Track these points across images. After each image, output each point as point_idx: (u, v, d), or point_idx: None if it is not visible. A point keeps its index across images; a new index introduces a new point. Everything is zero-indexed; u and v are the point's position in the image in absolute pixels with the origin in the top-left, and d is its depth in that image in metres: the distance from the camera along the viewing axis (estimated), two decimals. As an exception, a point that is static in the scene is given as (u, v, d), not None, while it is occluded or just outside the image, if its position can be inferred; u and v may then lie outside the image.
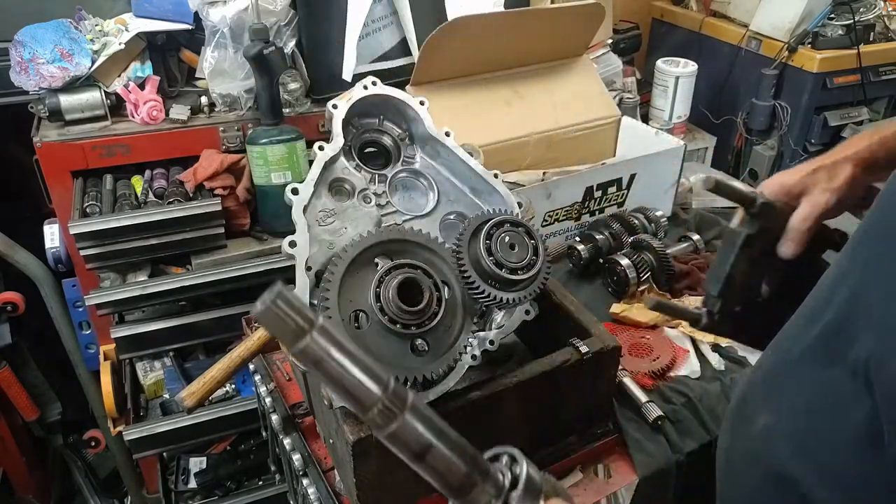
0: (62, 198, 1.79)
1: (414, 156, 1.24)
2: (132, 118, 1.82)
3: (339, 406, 0.94)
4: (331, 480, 1.17)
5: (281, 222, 1.86)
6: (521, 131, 1.85)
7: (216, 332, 1.92)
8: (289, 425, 1.30)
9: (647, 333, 1.49)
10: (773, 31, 2.66)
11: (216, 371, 1.21)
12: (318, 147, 1.10)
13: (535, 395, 1.09)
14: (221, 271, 1.81)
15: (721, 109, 2.90)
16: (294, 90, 1.91)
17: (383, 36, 1.98)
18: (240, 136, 1.88)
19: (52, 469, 2.48)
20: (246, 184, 1.85)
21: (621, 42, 2.69)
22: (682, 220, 1.94)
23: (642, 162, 1.80)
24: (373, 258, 0.99)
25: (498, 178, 1.20)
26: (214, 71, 1.82)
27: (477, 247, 1.00)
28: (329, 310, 0.91)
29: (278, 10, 1.78)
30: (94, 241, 1.69)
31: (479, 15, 1.79)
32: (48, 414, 2.34)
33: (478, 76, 1.86)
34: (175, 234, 1.76)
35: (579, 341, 1.12)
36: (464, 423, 1.04)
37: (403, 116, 1.21)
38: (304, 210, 1.04)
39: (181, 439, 1.93)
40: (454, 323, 1.01)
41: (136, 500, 2.38)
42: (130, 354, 1.93)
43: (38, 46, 1.69)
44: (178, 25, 1.83)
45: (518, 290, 1.03)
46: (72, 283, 2.02)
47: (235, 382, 2.03)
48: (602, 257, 1.65)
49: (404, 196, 1.22)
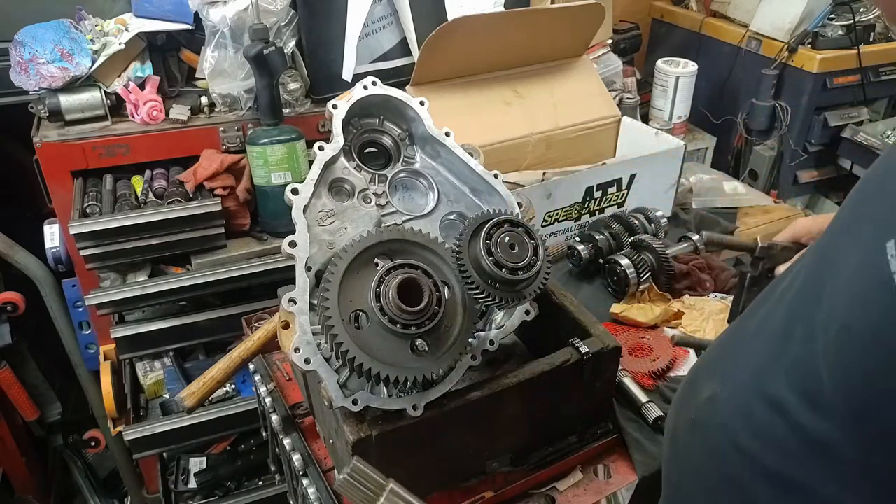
0: (62, 198, 1.79)
1: (414, 156, 1.24)
2: (132, 118, 1.82)
3: (339, 406, 0.94)
4: (331, 480, 1.17)
5: (281, 222, 1.86)
6: (521, 131, 1.85)
7: (216, 332, 1.92)
8: (289, 425, 1.30)
9: (647, 333, 1.49)
10: (773, 32, 2.66)
11: (216, 371, 1.21)
12: (318, 147, 1.10)
13: (535, 395, 1.09)
14: (221, 271, 1.81)
15: (721, 109, 2.90)
16: (294, 90, 1.91)
17: (383, 36, 1.98)
18: (240, 136, 1.88)
19: (52, 469, 2.48)
20: (246, 184, 1.85)
21: (621, 42, 2.70)
22: (682, 220, 1.94)
23: (642, 162, 1.80)
24: (373, 258, 0.99)
25: (498, 178, 1.20)
26: (214, 71, 1.82)
27: (477, 247, 1.00)
28: (329, 310, 0.91)
29: (278, 10, 1.78)
30: (94, 241, 1.69)
31: (479, 15, 1.79)
32: (48, 414, 2.34)
33: (478, 76, 1.86)
34: (175, 234, 1.77)
35: (579, 341, 1.12)
36: (464, 423, 1.04)
37: (403, 116, 1.21)
38: (304, 210, 1.04)
39: (181, 439, 1.93)
40: (454, 323, 1.01)
41: (136, 500, 2.38)
42: (130, 354, 1.93)
43: (38, 46, 1.69)
44: (178, 25, 1.83)
45: (518, 290, 1.03)
46: (72, 283, 2.02)
47: (235, 382, 2.04)
48: (602, 257, 1.65)
49: (404, 196, 1.22)
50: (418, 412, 0.96)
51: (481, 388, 1.03)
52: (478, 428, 1.08)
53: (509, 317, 1.12)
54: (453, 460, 1.09)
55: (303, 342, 0.94)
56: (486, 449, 1.12)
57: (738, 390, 0.74)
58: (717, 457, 0.75)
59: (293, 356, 0.93)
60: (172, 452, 2.12)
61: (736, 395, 0.74)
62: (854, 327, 0.57)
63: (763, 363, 0.72)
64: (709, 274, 1.62)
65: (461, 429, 1.05)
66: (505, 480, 1.14)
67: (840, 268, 0.62)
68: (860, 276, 0.58)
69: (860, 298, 0.57)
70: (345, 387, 0.96)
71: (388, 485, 0.64)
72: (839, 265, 0.63)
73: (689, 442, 0.81)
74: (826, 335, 0.61)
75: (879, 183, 0.64)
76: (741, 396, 0.73)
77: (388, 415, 0.97)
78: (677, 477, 0.85)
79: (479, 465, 1.13)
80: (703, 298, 1.56)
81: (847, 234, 0.65)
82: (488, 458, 1.13)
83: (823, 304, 0.63)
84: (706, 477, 0.77)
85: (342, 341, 0.90)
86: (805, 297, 0.69)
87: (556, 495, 1.16)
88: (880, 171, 0.65)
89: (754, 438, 0.70)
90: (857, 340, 0.57)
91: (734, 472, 0.72)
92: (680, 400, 0.89)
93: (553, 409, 1.15)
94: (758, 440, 0.69)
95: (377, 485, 0.62)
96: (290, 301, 0.96)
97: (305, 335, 0.94)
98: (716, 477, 0.76)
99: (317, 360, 0.94)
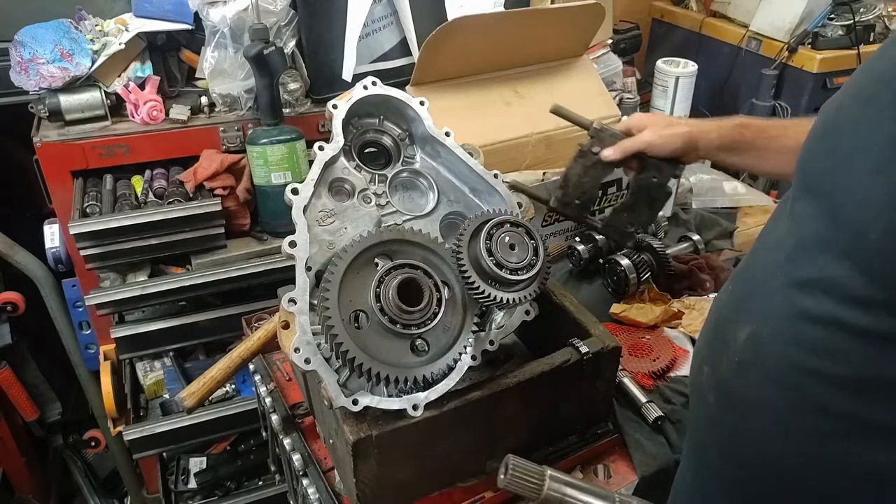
0: (62, 198, 1.79)
1: (414, 156, 1.24)
2: (132, 118, 1.82)
3: (339, 406, 0.94)
4: (331, 480, 1.17)
5: (281, 222, 1.86)
6: (521, 131, 1.85)
7: (216, 332, 1.92)
8: (289, 425, 1.30)
9: (647, 333, 1.49)
10: (773, 32, 2.66)
11: (216, 371, 1.21)
12: (318, 147, 1.10)
13: (535, 395, 1.09)
14: (221, 271, 1.81)
15: (721, 109, 2.90)
16: (294, 90, 1.91)
17: (383, 36, 1.98)
18: (240, 136, 1.88)
19: (52, 469, 2.48)
20: (246, 184, 1.85)
21: (621, 42, 2.69)
22: (682, 220, 1.94)
23: (642, 162, 1.80)
24: (373, 258, 0.99)
25: (498, 178, 1.20)
26: (214, 71, 1.82)
27: (477, 247, 1.00)
28: (329, 310, 0.91)
29: (278, 10, 1.78)
30: (94, 241, 1.69)
31: (479, 15, 1.79)
32: (48, 414, 2.34)
33: (478, 76, 1.86)
34: (175, 234, 1.76)
35: (579, 341, 1.12)
36: (464, 423, 1.04)
37: (403, 116, 1.21)
38: (304, 210, 1.04)
39: (181, 439, 1.93)
40: (454, 323, 1.01)
41: (136, 500, 2.38)
42: (130, 354, 1.93)
43: (38, 46, 1.69)
44: (178, 25, 1.83)
45: (518, 290, 1.03)
46: (72, 283, 2.01)
47: (235, 382, 2.04)
48: (602, 257, 1.65)
49: (404, 196, 1.22)
50: (418, 412, 0.96)
51: (481, 388, 1.03)
52: (478, 428, 1.08)
53: (509, 317, 1.12)
54: (453, 460, 1.09)
55: (303, 342, 0.94)
56: (486, 449, 1.12)
57: (781, 321, 0.77)
58: (782, 384, 0.77)
59: (293, 356, 0.93)
60: (172, 452, 2.12)
61: (781, 326, 0.77)
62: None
63: (794, 290, 0.75)
64: (709, 274, 1.62)
65: (461, 429, 1.05)
66: (505, 480, 1.14)
67: (856, 164, 0.68)
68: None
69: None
70: (345, 387, 0.96)
71: (545, 470, 0.70)
72: (855, 162, 0.69)
73: (741, 383, 0.83)
74: (865, 241, 0.66)
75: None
76: (787, 324, 0.76)
77: (388, 415, 0.97)
78: (731, 422, 0.87)
79: (479, 465, 1.13)
80: (703, 298, 1.56)
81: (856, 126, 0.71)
82: (488, 458, 1.13)
83: (847, 208, 0.69)
84: (773, 407, 0.79)
85: (342, 341, 0.90)
86: (816, 208, 0.74)
87: (556, 495, 1.16)
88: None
89: (816, 355, 0.73)
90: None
91: (805, 392, 0.75)
92: (707, 353, 0.91)
93: (553, 409, 1.15)
94: (819, 356, 0.73)
95: (538, 472, 0.69)
96: (290, 301, 0.96)
97: (305, 335, 0.94)
98: (783, 402, 0.78)
99: (317, 360, 0.94)
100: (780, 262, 0.78)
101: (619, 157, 1.24)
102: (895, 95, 0.67)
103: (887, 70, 0.70)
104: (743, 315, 0.83)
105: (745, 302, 0.84)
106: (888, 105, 0.67)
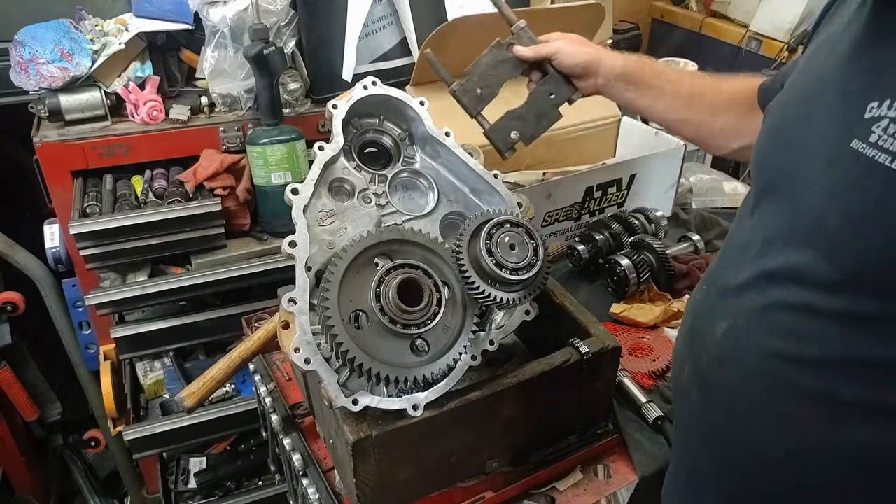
0: (62, 198, 1.79)
1: (414, 156, 1.24)
2: (132, 118, 1.82)
3: (339, 406, 0.94)
4: (331, 480, 1.17)
5: (281, 222, 1.86)
6: (521, 131, 1.84)
7: (216, 332, 1.92)
8: (289, 425, 1.30)
9: (647, 333, 1.49)
10: (773, 32, 2.66)
11: (216, 371, 1.21)
12: (318, 147, 1.10)
13: (534, 396, 1.09)
14: (221, 271, 1.81)
15: (721, 109, 2.90)
16: (294, 90, 1.91)
17: (383, 36, 1.98)
18: (240, 136, 1.88)
19: (52, 469, 2.48)
20: (246, 184, 1.85)
21: (621, 42, 2.70)
22: (682, 220, 1.94)
23: (642, 162, 1.80)
24: (373, 258, 0.99)
25: (498, 178, 1.20)
26: (214, 71, 1.82)
27: (477, 247, 1.00)
28: (329, 310, 0.91)
29: (278, 10, 1.78)
30: (94, 241, 1.69)
31: (479, 15, 1.79)
32: (48, 414, 2.34)
33: (478, 76, 1.85)
34: (175, 234, 1.76)
35: (579, 341, 1.12)
36: (464, 423, 1.04)
37: (403, 116, 1.21)
38: (304, 210, 1.04)
39: (181, 439, 1.93)
40: (454, 323, 1.01)
41: (136, 500, 2.38)
42: (130, 354, 1.93)
43: (38, 46, 1.69)
44: (178, 25, 1.83)
45: (518, 290, 1.03)
46: (72, 283, 2.02)
47: (235, 382, 2.04)
48: (602, 257, 1.65)
49: (404, 196, 1.22)
50: (418, 412, 0.96)
51: (481, 388, 1.03)
52: (478, 428, 1.08)
53: (509, 317, 1.12)
54: (453, 460, 1.09)
55: (303, 342, 0.94)
56: (486, 449, 1.12)
57: (755, 313, 0.80)
58: (761, 373, 0.80)
59: (293, 356, 0.93)
60: (172, 452, 2.12)
61: (755, 317, 0.80)
62: (855, 214, 0.68)
63: (765, 282, 0.79)
64: (709, 274, 1.62)
65: (461, 429, 1.05)
66: (505, 480, 1.14)
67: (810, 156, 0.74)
68: (838, 162, 0.69)
69: (850, 184, 0.68)
70: (345, 387, 0.96)
71: None
72: (809, 157, 0.74)
73: (723, 377, 0.85)
74: (825, 228, 0.71)
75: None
76: (761, 314, 0.79)
77: (388, 415, 0.97)
78: (714, 417, 0.88)
79: (479, 465, 1.13)
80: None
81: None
82: (488, 458, 1.13)
83: (806, 200, 0.74)
84: (754, 397, 0.81)
85: (342, 341, 0.90)
86: (778, 204, 0.79)
87: (556, 495, 1.16)
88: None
89: (790, 341, 0.76)
90: (862, 224, 0.67)
91: (783, 378, 0.77)
92: (686, 353, 0.93)
93: (553, 409, 1.15)
94: (793, 341, 0.76)
95: None
96: (290, 301, 0.96)
97: (305, 335, 0.94)
98: (763, 391, 0.80)
99: (317, 360, 0.94)
100: (749, 259, 0.82)
101: (530, 56, 1.29)
102: (839, 93, 0.73)
103: (829, 69, 0.76)
104: (719, 312, 0.86)
105: (720, 299, 0.87)
106: (834, 103, 0.73)
